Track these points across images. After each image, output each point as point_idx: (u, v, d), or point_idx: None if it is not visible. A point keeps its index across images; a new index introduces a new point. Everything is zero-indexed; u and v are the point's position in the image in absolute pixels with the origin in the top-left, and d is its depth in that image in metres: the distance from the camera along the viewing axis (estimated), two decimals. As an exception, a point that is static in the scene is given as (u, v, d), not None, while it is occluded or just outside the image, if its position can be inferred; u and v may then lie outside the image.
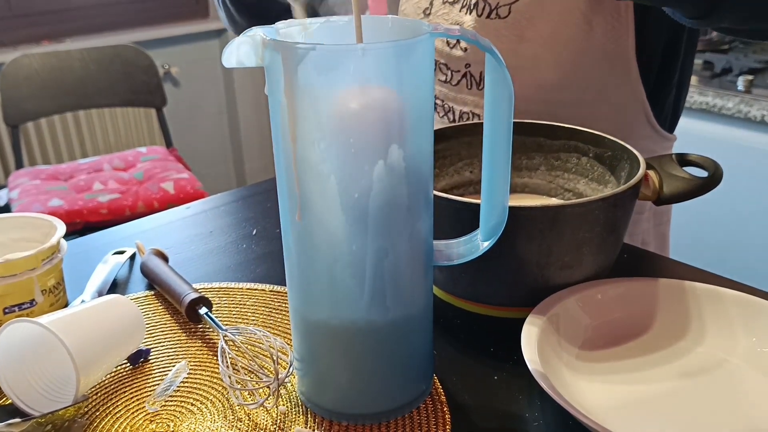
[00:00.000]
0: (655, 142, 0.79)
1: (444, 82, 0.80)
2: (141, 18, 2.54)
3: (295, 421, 0.49)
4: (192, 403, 0.51)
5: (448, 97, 0.80)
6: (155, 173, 2.02)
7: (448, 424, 0.49)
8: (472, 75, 0.77)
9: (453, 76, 0.79)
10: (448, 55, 0.79)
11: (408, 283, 0.46)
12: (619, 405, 0.49)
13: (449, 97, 0.80)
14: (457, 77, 0.78)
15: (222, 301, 0.64)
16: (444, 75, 0.80)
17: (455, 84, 0.79)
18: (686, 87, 0.81)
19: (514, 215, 0.50)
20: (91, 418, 0.50)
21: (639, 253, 0.71)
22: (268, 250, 0.74)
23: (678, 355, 0.54)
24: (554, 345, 0.52)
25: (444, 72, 0.80)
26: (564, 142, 0.69)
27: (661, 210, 0.85)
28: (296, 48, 0.39)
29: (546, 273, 0.56)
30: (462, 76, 0.78)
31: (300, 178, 0.43)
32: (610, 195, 0.54)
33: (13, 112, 2.05)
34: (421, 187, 0.45)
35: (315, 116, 0.41)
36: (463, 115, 0.80)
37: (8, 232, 0.64)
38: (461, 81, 0.78)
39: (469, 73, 0.77)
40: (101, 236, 0.79)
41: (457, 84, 0.78)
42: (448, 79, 0.79)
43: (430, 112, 0.44)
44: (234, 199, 0.88)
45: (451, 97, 0.80)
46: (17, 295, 0.59)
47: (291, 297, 0.49)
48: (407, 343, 0.48)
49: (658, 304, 0.57)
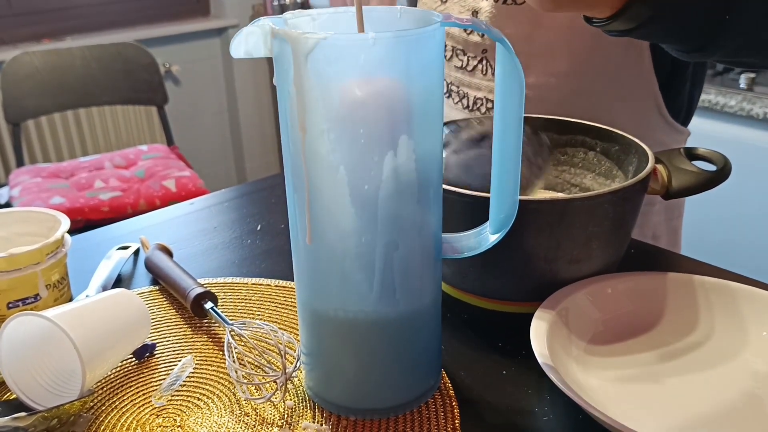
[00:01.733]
0: (668, 135, 0.79)
1: (460, 68, 0.80)
2: (142, 16, 2.54)
3: (303, 416, 0.49)
4: (198, 397, 0.51)
5: (463, 83, 0.80)
6: (157, 171, 2.01)
7: (456, 419, 0.48)
8: (488, 60, 0.77)
9: (469, 62, 0.78)
10: (466, 41, 0.79)
11: (417, 276, 0.46)
12: (629, 399, 0.48)
13: (464, 82, 0.80)
14: (473, 63, 0.78)
15: (227, 296, 0.63)
16: (460, 61, 0.80)
17: (470, 70, 0.78)
18: (701, 80, 0.81)
19: (523, 209, 0.49)
20: (97, 413, 0.50)
21: (646, 248, 0.71)
22: (272, 246, 0.73)
23: (688, 350, 0.53)
24: (563, 339, 0.52)
25: (460, 58, 0.80)
26: (571, 137, 0.69)
27: (673, 204, 0.85)
28: (306, 38, 0.39)
29: (554, 267, 0.55)
30: (478, 62, 0.78)
31: (308, 169, 0.42)
32: (619, 188, 0.54)
33: (14, 110, 2.04)
34: (431, 178, 0.44)
35: (324, 107, 0.40)
36: (477, 101, 0.80)
37: (12, 226, 0.64)
38: (477, 67, 0.78)
39: (485, 59, 0.77)
40: (105, 232, 0.79)
41: (473, 69, 0.78)
42: (464, 65, 0.79)
43: (440, 103, 0.44)
44: (237, 195, 0.88)
45: (465, 83, 0.80)
46: (21, 290, 0.58)
47: (299, 290, 0.48)
48: (416, 337, 0.48)
49: (668, 299, 0.56)
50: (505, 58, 0.43)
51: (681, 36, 0.53)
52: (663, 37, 0.54)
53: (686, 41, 0.54)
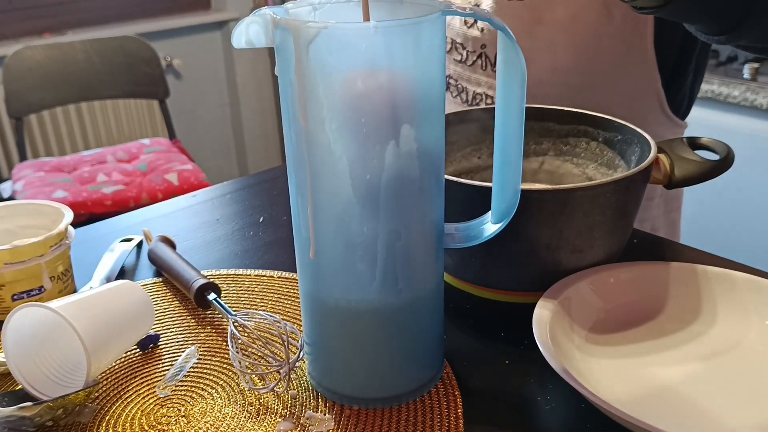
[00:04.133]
0: (667, 128, 0.79)
1: (459, 62, 0.80)
2: (143, 10, 2.53)
3: (306, 406, 0.49)
4: (202, 387, 0.51)
5: (462, 77, 0.80)
6: (159, 165, 2.01)
7: (460, 408, 0.48)
8: (487, 56, 0.77)
9: (468, 57, 0.78)
10: (465, 35, 0.78)
11: (420, 265, 0.46)
12: (631, 388, 0.49)
13: (463, 77, 0.80)
14: (472, 57, 0.78)
15: (230, 288, 0.64)
16: (459, 55, 0.79)
17: (470, 64, 0.78)
18: (702, 74, 0.81)
19: (525, 198, 0.49)
20: (102, 403, 0.50)
21: (649, 239, 0.71)
22: (275, 237, 0.74)
23: (691, 338, 0.53)
24: (566, 328, 0.52)
25: (459, 52, 0.79)
26: (573, 127, 0.68)
27: (672, 197, 0.85)
28: (308, 27, 0.39)
29: (556, 257, 0.55)
30: (477, 57, 0.77)
31: (310, 159, 0.42)
32: (622, 178, 0.54)
33: (16, 104, 2.05)
34: (433, 167, 0.44)
35: (326, 96, 0.40)
36: (476, 96, 0.79)
37: (16, 219, 0.64)
38: (476, 61, 0.78)
39: (484, 54, 0.77)
40: (108, 225, 0.79)
41: (472, 64, 0.78)
42: (463, 59, 0.79)
43: (442, 92, 0.44)
44: (240, 187, 0.88)
45: (465, 77, 0.80)
46: (25, 282, 0.59)
47: (302, 280, 0.48)
48: (418, 326, 0.48)
49: (670, 288, 0.56)
50: (507, 47, 0.43)
51: (713, 13, 0.51)
52: (696, 14, 0.52)
53: (718, 19, 0.51)
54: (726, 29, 0.52)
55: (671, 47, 0.74)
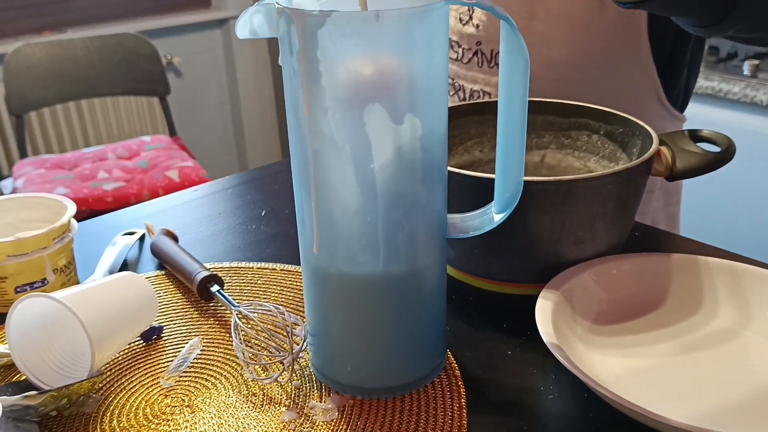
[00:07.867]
0: (665, 121, 0.79)
1: (455, 60, 0.80)
2: (143, 8, 2.53)
3: (309, 396, 0.49)
4: (206, 378, 0.51)
5: (459, 75, 0.80)
6: (160, 161, 2.01)
7: (462, 398, 0.48)
8: (483, 53, 0.77)
9: (464, 54, 0.78)
10: (460, 33, 0.78)
11: (422, 255, 0.46)
12: (633, 377, 0.49)
13: (460, 75, 0.80)
14: (468, 55, 0.78)
15: (233, 280, 0.64)
16: (455, 53, 0.79)
17: (466, 62, 0.78)
18: (698, 66, 0.81)
19: (527, 189, 0.49)
20: (106, 393, 0.50)
21: (650, 232, 0.71)
22: (277, 231, 0.74)
23: (692, 329, 0.54)
24: (568, 318, 0.52)
25: (455, 50, 0.79)
26: (574, 120, 0.69)
27: (671, 190, 0.85)
28: (311, 15, 0.39)
29: (558, 248, 0.55)
30: (473, 54, 0.77)
31: (314, 148, 0.42)
32: (624, 169, 0.54)
33: (16, 102, 2.05)
34: (436, 156, 0.44)
35: (329, 85, 0.40)
36: (474, 94, 0.79)
37: (19, 212, 0.64)
38: (472, 59, 0.78)
39: (480, 51, 0.77)
40: (110, 218, 0.79)
41: (468, 62, 0.78)
42: (459, 56, 0.79)
43: (445, 81, 0.44)
44: (242, 181, 0.88)
45: (461, 75, 0.80)
46: (28, 274, 0.59)
47: (305, 270, 0.48)
48: (421, 316, 0.48)
49: (672, 279, 0.56)
50: (510, 37, 0.43)
51: (700, 6, 0.51)
52: (680, 6, 0.52)
53: (705, 12, 0.51)
54: (714, 20, 0.52)
55: (666, 40, 0.74)
